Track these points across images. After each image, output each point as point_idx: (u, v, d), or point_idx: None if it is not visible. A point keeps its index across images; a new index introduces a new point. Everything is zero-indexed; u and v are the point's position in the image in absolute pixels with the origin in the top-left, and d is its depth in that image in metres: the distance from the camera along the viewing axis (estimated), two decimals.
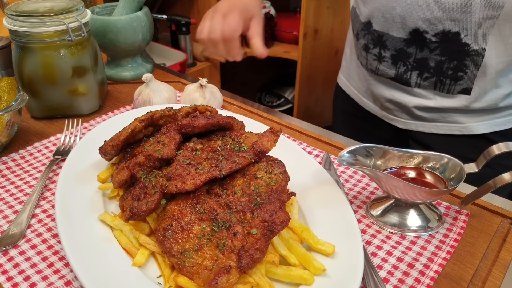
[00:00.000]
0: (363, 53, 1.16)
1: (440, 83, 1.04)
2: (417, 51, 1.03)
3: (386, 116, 1.21)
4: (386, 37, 1.06)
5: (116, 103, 1.17)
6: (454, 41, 0.97)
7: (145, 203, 0.67)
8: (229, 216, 0.64)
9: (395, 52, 1.06)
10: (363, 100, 1.27)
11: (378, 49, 1.10)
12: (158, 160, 0.72)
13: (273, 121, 1.09)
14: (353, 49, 1.27)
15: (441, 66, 1.02)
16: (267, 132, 0.77)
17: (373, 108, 1.24)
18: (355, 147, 0.75)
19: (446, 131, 1.14)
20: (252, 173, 0.71)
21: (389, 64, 1.09)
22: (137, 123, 0.78)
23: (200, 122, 0.76)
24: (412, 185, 0.69)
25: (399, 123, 1.19)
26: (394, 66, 1.08)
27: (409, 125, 1.18)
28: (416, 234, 0.75)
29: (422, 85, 1.07)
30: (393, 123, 1.20)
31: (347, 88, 1.34)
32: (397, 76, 1.09)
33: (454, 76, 1.02)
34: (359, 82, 1.26)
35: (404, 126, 1.18)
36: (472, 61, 0.99)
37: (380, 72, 1.12)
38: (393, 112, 1.18)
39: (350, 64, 1.31)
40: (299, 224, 0.69)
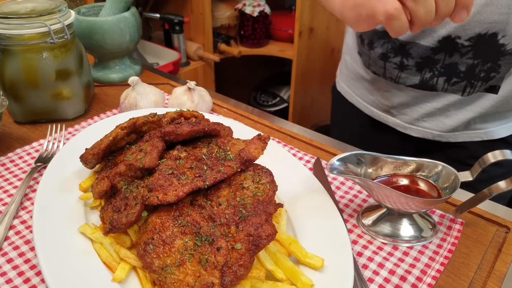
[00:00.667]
0: (380, 62, 1.08)
1: (470, 87, 0.98)
2: (445, 57, 0.96)
3: (399, 125, 1.15)
4: (410, 46, 0.99)
5: (103, 106, 1.14)
6: (490, 43, 0.91)
7: (125, 215, 0.64)
8: (212, 229, 0.61)
9: (420, 60, 0.99)
10: (371, 110, 1.21)
11: (399, 58, 1.02)
12: (140, 169, 0.69)
13: (264, 124, 1.06)
14: (354, 57, 1.21)
15: (473, 70, 0.96)
16: (255, 139, 0.74)
17: (383, 117, 1.19)
18: (345, 154, 0.72)
19: (466, 138, 1.10)
20: (238, 182, 0.68)
21: (412, 71, 1.02)
22: (119, 131, 0.75)
23: (184, 129, 0.73)
24: (405, 195, 0.66)
25: (413, 131, 1.14)
26: (419, 73, 1.01)
27: (424, 133, 1.13)
28: (409, 245, 0.72)
29: (449, 89, 1.01)
30: (407, 132, 1.15)
31: (351, 97, 1.28)
32: (421, 83, 1.03)
33: (486, 77, 0.97)
34: (366, 92, 1.20)
35: (419, 134, 1.14)
36: (507, 60, 0.94)
37: (402, 80, 1.05)
38: (410, 120, 1.13)
39: (352, 73, 1.24)
40: (286, 236, 0.66)
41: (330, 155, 0.95)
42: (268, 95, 3.20)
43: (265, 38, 2.82)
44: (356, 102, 1.26)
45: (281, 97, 3.18)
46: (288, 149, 0.96)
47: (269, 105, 3.15)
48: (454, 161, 1.10)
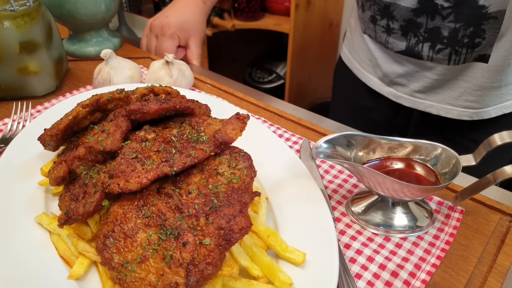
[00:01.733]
0: (371, 25, 1.06)
1: (455, 54, 0.94)
2: (427, 20, 0.93)
3: (392, 94, 1.11)
4: (393, 7, 0.97)
5: (77, 82, 1.05)
6: (469, 4, 0.87)
7: (83, 205, 0.57)
8: (179, 221, 0.54)
9: (404, 23, 0.97)
10: (367, 76, 1.16)
11: (386, 20, 1.00)
12: (101, 153, 0.61)
13: (250, 102, 0.98)
14: (357, 20, 1.16)
15: (456, 35, 0.91)
16: (233, 119, 0.66)
17: (378, 86, 1.14)
18: (333, 135, 0.64)
19: (455, 115, 1.04)
20: (212, 168, 0.61)
21: (398, 36, 0.99)
22: (80, 109, 0.67)
23: (151, 107, 0.65)
24: (398, 182, 0.59)
25: (407, 101, 1.09)
26: (404, 37, 0.99)
27: (417, 104, 1.08)
28: (402, 236, 0.65)
29: (435, 58, 0.97)
30: (399, 101, 1.11)
31: (349, 62, 1.23)
32: (408, 49, 1.00)
33: (470, 44, 0.92)
34: (364, 56, 1.15)
35: (412, 105, 1.09)
36: (491, 25, 0.88)
37: (390, 46, 1.03)
38: (402, 89, 1.08)
39: (354, 36, 1.19)
40: (265, 228, 0.59)
41: (320, 136, 0.87)
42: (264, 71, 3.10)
43: (261, 11, 2.69)
44: (354, 68, 1.20)
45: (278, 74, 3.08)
46: (275, 129, 0.88)
47: (265, 82, 3.05)
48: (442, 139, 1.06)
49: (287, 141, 0.85)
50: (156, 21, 1.19)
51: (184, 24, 1.17)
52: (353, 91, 1.24)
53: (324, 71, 2.94)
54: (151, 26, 1.20)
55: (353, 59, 1.20)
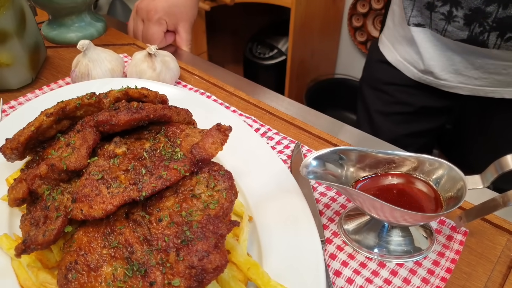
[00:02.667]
0: (426, 12, 0.96)
1: None
2: (499, 9, 0.84)
3: (445, 85, 1.03)
4: None
5: (56, 73, 0.98)
6: None
7: (43, 232, 0.51)
8: (147, 256, 0.48)
9: (469, 12, 0.88)
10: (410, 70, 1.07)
11: (448, 7, 0.90)
12: (64, 171, 0.55)
13: (240, 97, 0.91)
14: (402, 7, 1.04)
15: None
16: (213, 130, 0.59)
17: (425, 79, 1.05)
18: (323, 151, 0.58)
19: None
20: (188, 188, 0.55)
21: (460, 25, 0.90)
22: (44, 118, 0.60)
23: (120, 118, 0.58)
24: (396, 209, 0.52)
25: (463, 90, 1.01)
26: (468, 27, 0.90)
27: (475, 91, 1.00)
28: (398, 261, 0.59)
29: (503, 46, 0.89)
30: (453, 90, 1.03)
31: (391, 54, 1.12)
32: (470, 38, 0.91)
33: None
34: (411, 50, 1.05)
35: (470, 92, 1.01)
36: None
37: (448, 34, 0.94)
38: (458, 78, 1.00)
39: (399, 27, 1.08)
40: (245, 259, 0.53)
41: (314, 139, 0.80)
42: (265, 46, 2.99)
43: None
44: (397, 62, 1.11)
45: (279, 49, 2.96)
46: (265, 130, 0.81)
47: (266, 58, 2.94)
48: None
49: (278, 145, 0.78)
50: (143, 4, 1.10)
51: (172, 8, 1.08)
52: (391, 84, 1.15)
53: (327, 47, 2.82)
54: (137, 9, 1.11)
55: (397, 53, 1.10)
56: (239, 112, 0.86)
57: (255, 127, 0.82)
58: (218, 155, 0.58)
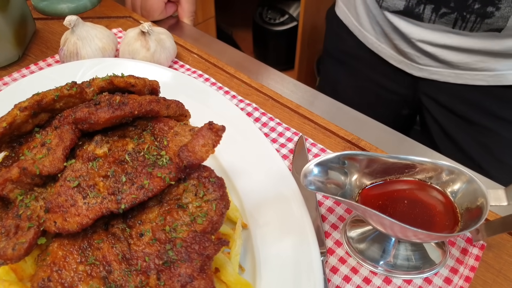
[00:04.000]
0: None
1: (461, 20, 0.81)
2: None
3: (394, 57, 0.97)
4: None
5: (45, 49, 0.91)
6: None
7: (13, 246, 0.46)
8: (125, 277, 0.44)
9: None
10: (366, 36, 1.01)
11: None
12: (38, 176, 0.50)
13: (242, 80, 0.83)
14: None
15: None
16: (204, 130, 0.53)
17: (377, 46, 0.99)
18: (327, 157, 0.51)
19: (468, 80, 0.89)
20: (174, 197, 0.49)
21: None
22: (17, 113, 0.54)
23: (100, 116, 0.52)
24: (406, 227, 0.46)
25: (408, 66, 0.95)
26: None
27: (420, 71, 0.94)
28: (406, 277, 0.54)
29: (437, 21, 0.83)
30: (400, 66, 0.97)
31: (347, 19, 1.06)
32: (406, 9, 0.86)
33: (481, 12, 0.78)
34: (364, 14, 0.99)
35: (414, 71, 0.95)
36: None
37: (385, 4, 0.89)
38: (404, 53, 0.94)
39: None
40: (236, 278, 0.48)
41: (320, 130, 0.74)
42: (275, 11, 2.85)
43: None
44: (352, 26, 1.05)
45: (290, 15, 2.83)
46: (267, 120, 0.75)
47: (276, 23, 2.81)
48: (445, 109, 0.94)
49: (280, 137, 0.72)
50: None
51: None
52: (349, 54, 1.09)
53: None
54: None
55: (352, 17, 1.04)
56: (239, 98, 0.79)
57: (256, 116, 0.75)
58: None
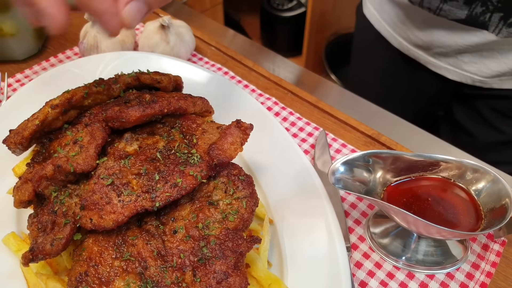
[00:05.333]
0: None
1: None
2: None
3: (433, 64, 0.93)
4: None
5: (63, 42, 0.92)
6: None
7: (51, 241, 0.48)
8: (162, 273, 0.45)
9: None
10: (400, 42, 0.97)
11: None
12: (71, 173, 0.51)
13: (260, 74, 0.84)
14: None
15: None
16: (232, 129, 0.54)
17: (414, 53, 0.95)
18: (353, 156, 0.52)
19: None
20: (204, 195, 0.50)
21: (459, 4, 0.79)
22: (49, 110, 0.55)
23: (131, 115, 0.53)
24: (430, 224, 0.48)
25: (450, 73, 0.91)
26: (468, 6, 0.78)
27: (463, 77, 0.90)
28: (429, 272, 0.55)
29: (503, 31, 0.78)
30: (441, 72, 0.93)
31: (378, 23, 1.02)
32: (469, 18, 0.80)
33: None
34: (397, 20, 0.95)
35: (456, 77, 0.91)
36: None
37: (443, 13, 0.82)
38: (447, 60, 0.90)
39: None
40: (266, 274, 0.49)
41: (340, 125, 0.74)
42: None
43: None
44: (384, 31, 1.00)
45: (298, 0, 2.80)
46: (287, 114, 0.75)
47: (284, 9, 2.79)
48: (498, 113, 0.90)
49: (300, 132, 0.73)
50: None
51: None
52: (378, 54, 1.06)
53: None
54: None
55: (384, 22, 1.00)
56: (258, 92, 0.79)
57: (276, 110, 0.76)
58: None
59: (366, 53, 1.15)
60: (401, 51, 0.97)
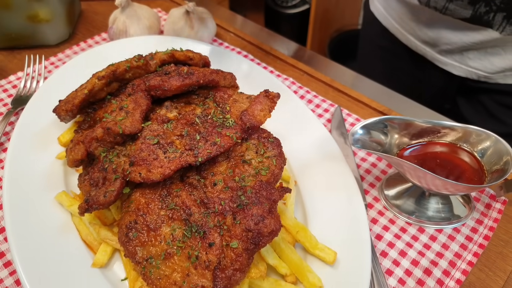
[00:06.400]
0: None
1: None
2: None
3: (439, 60, 0.97)
4: None
5: (91, 28, 0.98)
6: None
7: (103, 193, 0.54)
8: (205, 218, 0.51)
9: None
10: (408, 38, 1.01)
11: None
12: (120, 135, 0.57)
13: (277, 57, 0.90)
14: None
15: None
16: (261, 97, 0.60)
17: (422, 49, 1.00)
18: (370, 121, 0.59)
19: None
20: (238, 154, 0.56)
21: (464, 4, 0.83)
22: (96, 81, 0.61)
23: (172, 84, 0.59)
24: (441, 179, 0.54)
25: (455, 69, 0.96)
26: (472, 6, 0.83)
27: (469, 73, 0.94)
28: (437, 227, 0.62)
29: (507, 29, 0.83)
30: (447, 68, 0.97)
31: (385, 20, 1.06)
32: (473, 17, 0.84)
33: None
34: (405, 16, 0.99)
35: (462, 73, 0.95)
36: None
37: (449, 13, 0.87)
38: (453, 56, 0.94)
39: None
40: (294, 222, 0.56)
41: (353, 102, 0.81)
42: None
43: None
44: (391, 27, 1.05)
45: None
46: (304, 93, 0.82)
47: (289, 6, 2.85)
48: (503, 107, 0.94)
49: (317, 108, 0.79)
50: None
51: None
52: (388, 50, 1.11)
53: None
54: None
55: (391, 18, 1.04)
56: (276, 73, 0.86)
57: (293, 89, 0.82)
58: None
59: (373, 48, 1.20)
60: (408, 46, 1.02)
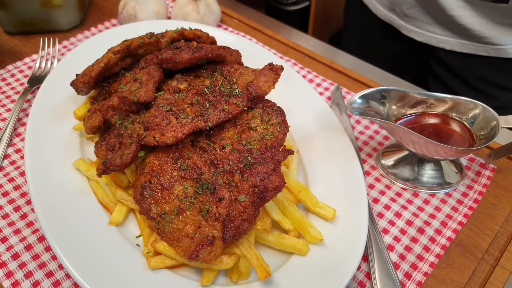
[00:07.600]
0: None
1: None
2: None
3: (404, 27, 1.05)
4: None
5: (101, 15, 1.02)
6: None
7: (120, 156, 0.58)
8: (214, 176, 0.55)
9: None
10: (377, 8, 1.09)
11: None
12: (135, 103, 0.61)
13: (279, 41, 0.94)
14: None
15: None
16: (266, 70, 0.64)
17: (388, 17, 1.07)
18: (368, 91, 0.63)
19: (472, 50, 0.99)
20: (245, 122, 0.61)
21: None
22: (111, 55, 0.66)
23: (183, 56, 0.63)
24: (433, 142, 0.58)
25: (418, 35, 1.03)
26: None
27: (429, 38, 1.02)
28: (430, 192, 0.66)
29: None
30: (410, 35, 1.05)
31: None
32: None
33: None
34: None
35: (424, 39, 1.03)
36: None
37: None
38: (414, 22, 1.01)
39: None
40: (296, 183, 0.60)
41: (352, 81, 0.85)
42: None
43: None
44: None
45: None
46: (305, 73, 0.86)
47: (289, 3, 2.90)
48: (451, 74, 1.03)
49: (318, 87, 0.83)
50: None
51: None
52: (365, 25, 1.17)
53: None
54: None
55: None
56: (279, 55, 0.90)
57: (295, 70, 0.87)
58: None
59: (352, 23, 1.27)
60: (379, 17, 1.10)
